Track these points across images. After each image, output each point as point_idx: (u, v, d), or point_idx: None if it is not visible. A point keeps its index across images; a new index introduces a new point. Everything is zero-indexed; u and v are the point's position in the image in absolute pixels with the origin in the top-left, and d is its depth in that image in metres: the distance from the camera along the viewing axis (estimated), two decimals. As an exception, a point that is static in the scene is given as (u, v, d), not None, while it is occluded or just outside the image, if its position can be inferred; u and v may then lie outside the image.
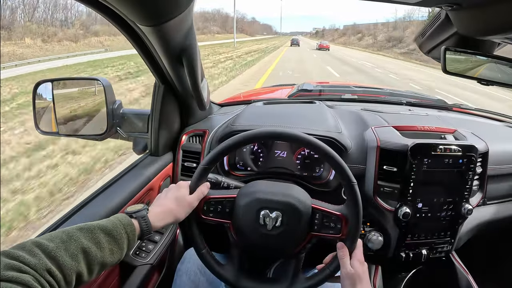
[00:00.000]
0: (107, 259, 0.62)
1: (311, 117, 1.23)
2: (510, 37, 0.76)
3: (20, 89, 9.13)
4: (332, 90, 1.78)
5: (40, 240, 0.54)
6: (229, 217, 0.83)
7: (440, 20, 0.91)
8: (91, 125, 1.10)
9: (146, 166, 1.07)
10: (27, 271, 0.48)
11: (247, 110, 1.32)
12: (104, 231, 0.63)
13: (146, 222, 0.71)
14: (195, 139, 1.23)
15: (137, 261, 0.95)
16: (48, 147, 4.28)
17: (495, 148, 1.18)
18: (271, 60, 19.38)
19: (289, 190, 0.83)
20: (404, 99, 1.61)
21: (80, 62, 18.34)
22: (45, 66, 17.13)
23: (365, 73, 15.18)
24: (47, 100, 1.06)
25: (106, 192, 0.93)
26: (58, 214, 2.78)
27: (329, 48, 38.67)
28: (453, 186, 1.06)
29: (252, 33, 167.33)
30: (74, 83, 1.18)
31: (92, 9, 0.69)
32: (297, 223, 0.79)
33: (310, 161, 1.18)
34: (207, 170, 0.83)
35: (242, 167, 1.20)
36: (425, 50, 1.08)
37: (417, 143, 1.02)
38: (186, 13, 0.72)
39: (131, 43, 0.86)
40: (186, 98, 1.14)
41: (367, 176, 1.08)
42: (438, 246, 1.14)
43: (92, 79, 1.09)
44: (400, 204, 1.05)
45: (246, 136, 0.82)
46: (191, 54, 0.86)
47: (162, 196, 0.80)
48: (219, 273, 0.83)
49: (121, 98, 1.10)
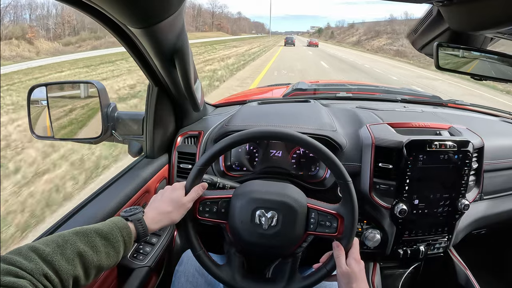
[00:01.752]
0: (104, 263, 0.62)
1: (305, 116, 1.23)
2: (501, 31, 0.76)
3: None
4: (327, 89, 1.78)
5: (36, 244, 0.54)
6: (225, 218, 0.83)
7: (432, 16, 0.91)
8: (86, 128, 1.10)
9: (142, 169, 1.07)
10: (23, 276, 0.48)
11: (241, 110, 1.32)
12: (100, 234, 0.63)
13: (142, 224, 0.71)
14: (190, 140, 1.23)
15: (135, 263, 0.94)
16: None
17: (491, 143, 1.19)
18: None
19: (285, 190, 0.83)
20: (399, 96, 1.61)
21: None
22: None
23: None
24: (42, 104, 1.06)
25: (102, 195, 0.93)
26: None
27: (317, 45, 43.63)
28: (449, 182, 1.06)
29: (236, 31, 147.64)
30: (68, 86, 1.18)
31: (82, 12, 0.68)
32: (292, 222, 0.79)
33: (305, 160, 1.18)
34: (202, 170, 0.83)
35: (238, 167, 1.20)
36: (417, 46, 1.07)
37: (412, 139, 1.02)
38: (177, 14, 0.72)
39: (123, 46, 0.85)
40: (180, 100, 1.14)
41: (363, 173, 1.08)
42: (436, 242, 1.15)
43: (87, 83, 1.09)
44: (397, 201, 1.05)
45: (241, 136, 0.82)
46: (183, 55, 0.86)
47: (158, 198, 0.80)
48: (216, 274, 0.83)
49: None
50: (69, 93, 1.12)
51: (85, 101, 1.10)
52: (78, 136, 1.10)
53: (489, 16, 0.70)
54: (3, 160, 3.74)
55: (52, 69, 14.42)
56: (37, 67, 15.44)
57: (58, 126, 1.07)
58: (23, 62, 18.68)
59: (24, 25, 37.95)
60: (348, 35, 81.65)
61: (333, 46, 51.51)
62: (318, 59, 20.98)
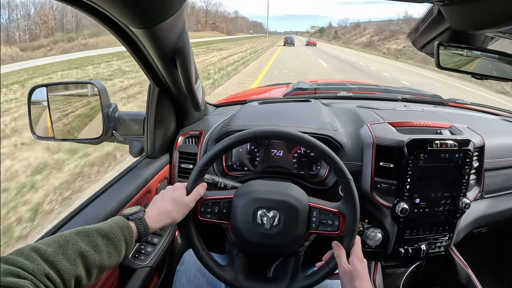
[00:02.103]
0: (105, 262, 0.62)
1: (306, 116, 1.23)
2: (502, 30, 0.76)
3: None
4: (328, 88, 1.78)
5: (38, 245, 0.54)
6: (227, 218, 0.83)
7: (433, 15, 0.91)
8: (87, 129, 1.10)
9: (143, 169, 1.07)
10: (25, 276, 0.48)
11: (242, 110, 1.32)
12: (101, 234, 0.63)
13: (143, 224, 0.71)
14: (191, 140, 1.23)
15: (136, 264, 0.94)
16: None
17: (491, 142, 1.19)
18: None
19: (286, 189, 0.83)
20: (400, 95, 1.61)
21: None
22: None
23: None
24: (43, 105, 1.06)
25: (103, 195, 0.93)
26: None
27: (315, 44, 45.73)
28: (450, 180, 1.06)
29: (232, 30, 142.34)
30: (69, 87, 1.18)
31: (83, 13, 0.68)
32: (294, 221, 0.79)
33: (306, 159, 1.18)
34: (204, 171, 0.83)
35: (239, 167, 1.20)
36: (418, 46, 1.07)
37: (413, 138, 1.02)
38: (178, 14, 0.72)
39: (124, 46, 0.85)
40: (181, 100, 1.14)
41: (364, 173, 1.08)
42: (437, 241, 1.15)
43: (87, 83, 1.09)
44: (398, 200, 1.05)
45: (242, 136, 0.82)
46: (184, 55, 0.86)
47: (159, 197, 0.80)
48: (218, 274, 0.83)
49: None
50: (70, 93, 1.12)
51: (85, 102, 1.10)
52: (79, 137, 1.10)
53: (490, 15, 0.71)
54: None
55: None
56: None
57: (59, 126, 1.07)
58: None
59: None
60: (355, 35, 70.41)
61: (340, 48, 45.09)
62: (332, 69, 14.75)
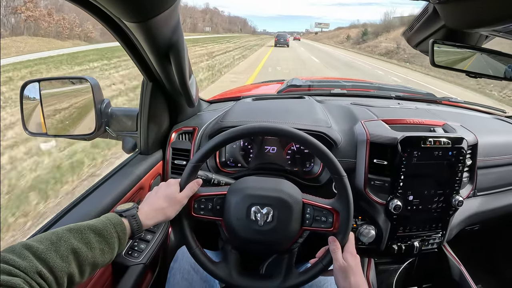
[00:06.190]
0: (98, 259, 0.61)
1: (300, 112, 1.23)
2: (497, 29, 0.76)
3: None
4: (322, 85, 1.78)
5: (30, 242, 0.54)
6: (221, 214, 0.82)
7: (428, 13, 0.91)
8: (80, 125, 1.09)
9: (136, 165, 1.06)
10: (17, 274, 0.47)
11: (236, 106, 1.31)
12: (94, 231, 0.62)
13: (136, 220, 0.70)
14: (185, 136, 1.23)
15: (130, 261, 0.94)
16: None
17: (484, 140, 1.20)
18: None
19: (280, 185, 0.83)
20: (393, 93, 1.62)
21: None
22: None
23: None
24: (35, 100, 1.04)
25: (96, 192, 0.92)
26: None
27: (299, 39, 50.64)
28: (443, 178, 1.07)
29: (201, 28, 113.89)
30: (62, 82, 1.16)
31: (76, 6, 0.67)
32: (288, 218, 0.79)
33: (300, 156, 1.18)
34: (197, 167, 0.83)
35: (232, 163, 1.19)
36: (413, 43, 1.08)
37: (406, 136, 1.02)
38: (173, 8, 0.71)
39: (117, 40, 0.84)
40: (174, 96, 1.13)
41: (358, 170, 1.09)
42: (430, 238, 1.16)
43: (80, 78, 1.07)
44: (391, 197, 1.05)
45: (235, 132, 0.82)
46: (178, 50, 0.85)
47: (152, 194, 0.79)
48: (212, 271, 0.83)
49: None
50: (62, 89, 1.11)
51: (78, 97, 1.09)
52: (71, 133, 1.09)
53: (485, 14, 0.71)
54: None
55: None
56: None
57: (52, 122, 1.06)
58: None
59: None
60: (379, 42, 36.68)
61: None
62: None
